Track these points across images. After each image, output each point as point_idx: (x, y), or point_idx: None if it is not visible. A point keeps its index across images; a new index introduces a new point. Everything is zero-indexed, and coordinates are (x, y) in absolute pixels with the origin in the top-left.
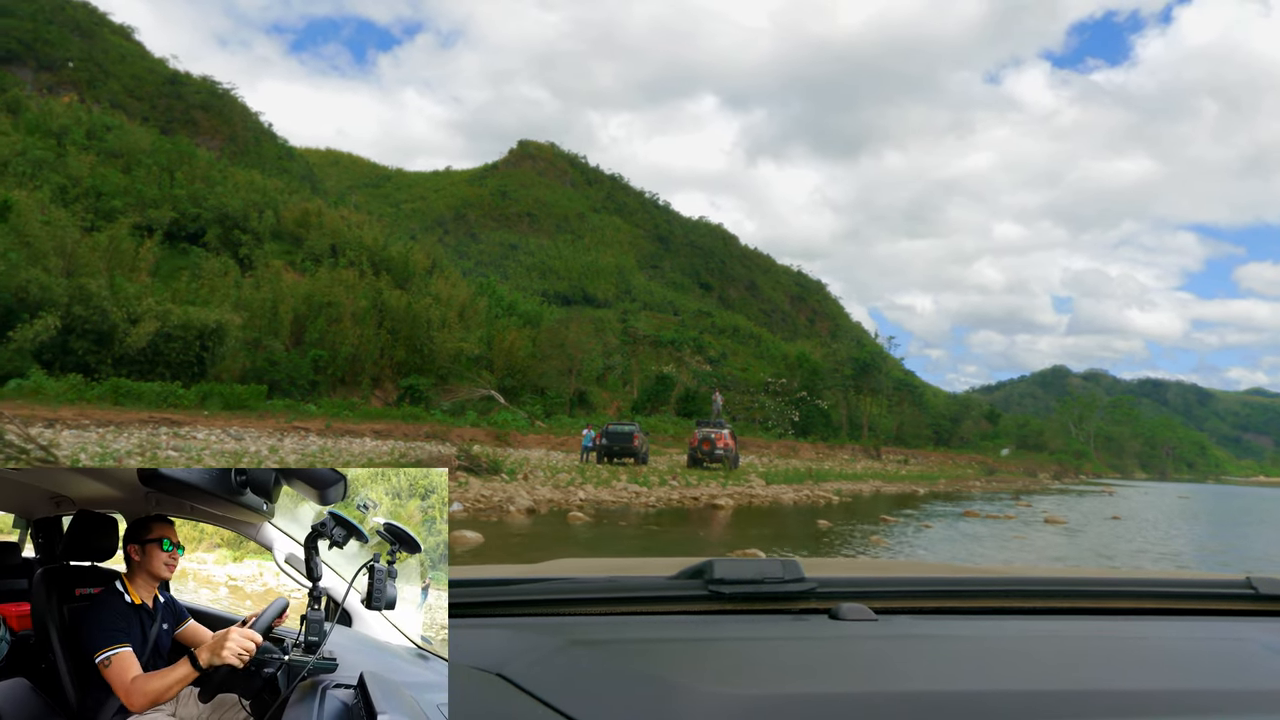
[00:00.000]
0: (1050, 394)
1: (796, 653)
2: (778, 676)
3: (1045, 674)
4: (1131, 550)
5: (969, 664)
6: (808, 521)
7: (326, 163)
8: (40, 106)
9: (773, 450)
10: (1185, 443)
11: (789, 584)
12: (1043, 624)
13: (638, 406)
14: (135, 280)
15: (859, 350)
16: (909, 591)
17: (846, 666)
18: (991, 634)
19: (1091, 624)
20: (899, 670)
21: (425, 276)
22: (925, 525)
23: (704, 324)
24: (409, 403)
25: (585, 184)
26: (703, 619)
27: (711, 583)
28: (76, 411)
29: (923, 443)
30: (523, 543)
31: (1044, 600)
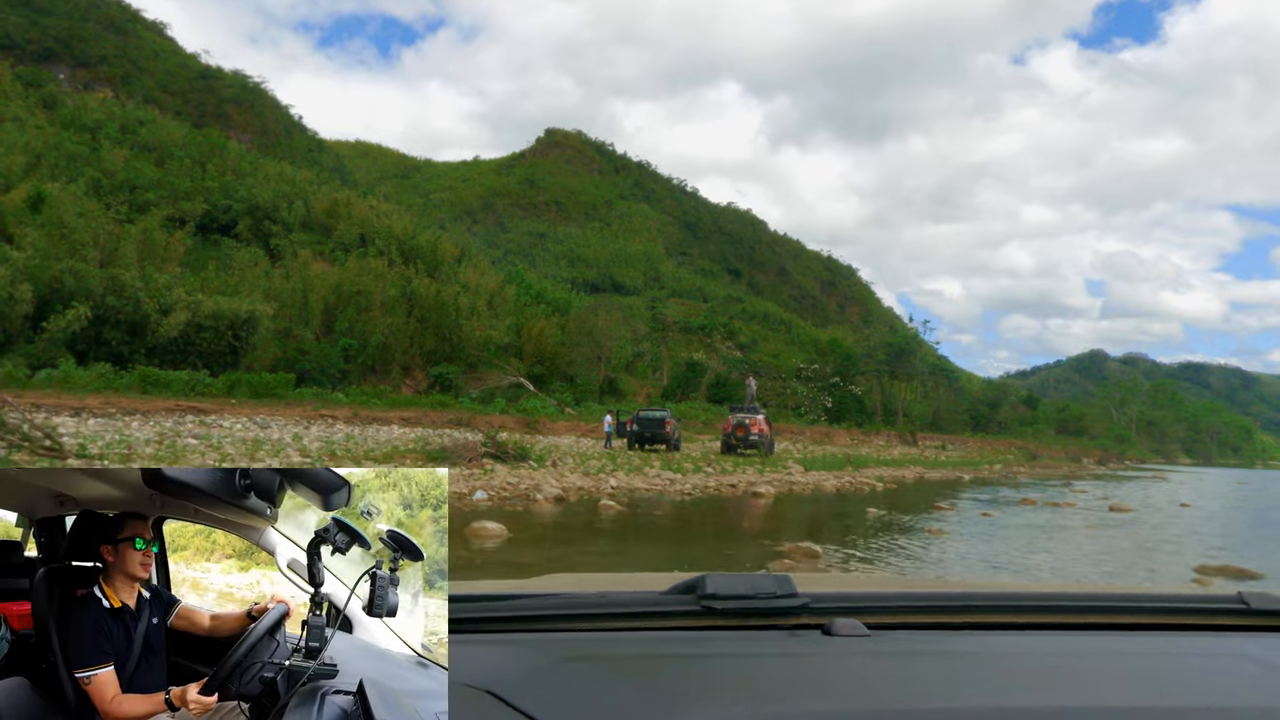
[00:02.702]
0: (1087, 379)
1: (789, 669)
2: (771, 693)
3: (1039, 690)
4: (1237, 543)
5: (963, 680)
6: (856, 510)
7: (356, 154)
8: (75, 102)
9: (806, 436)
10: (1230, 427)
11: (781, 599)
12: (1036, 640)
13: (668, 393)
14: (166, 270)
15: (893, 335)
16: (903, 607)
17: (840, 683)
18: (986, 650)
19: (1085, 639)
20: (893, 687)
21: (454, 265)
22: (985, 514)
23: (734, 310)
24: (439, 391)
25: (613, 171)
26: (695, 634)
27: (704, 598)
28: (103, 400)
29: (959, 428)
30: (549, 536)
31: (1037, 615)
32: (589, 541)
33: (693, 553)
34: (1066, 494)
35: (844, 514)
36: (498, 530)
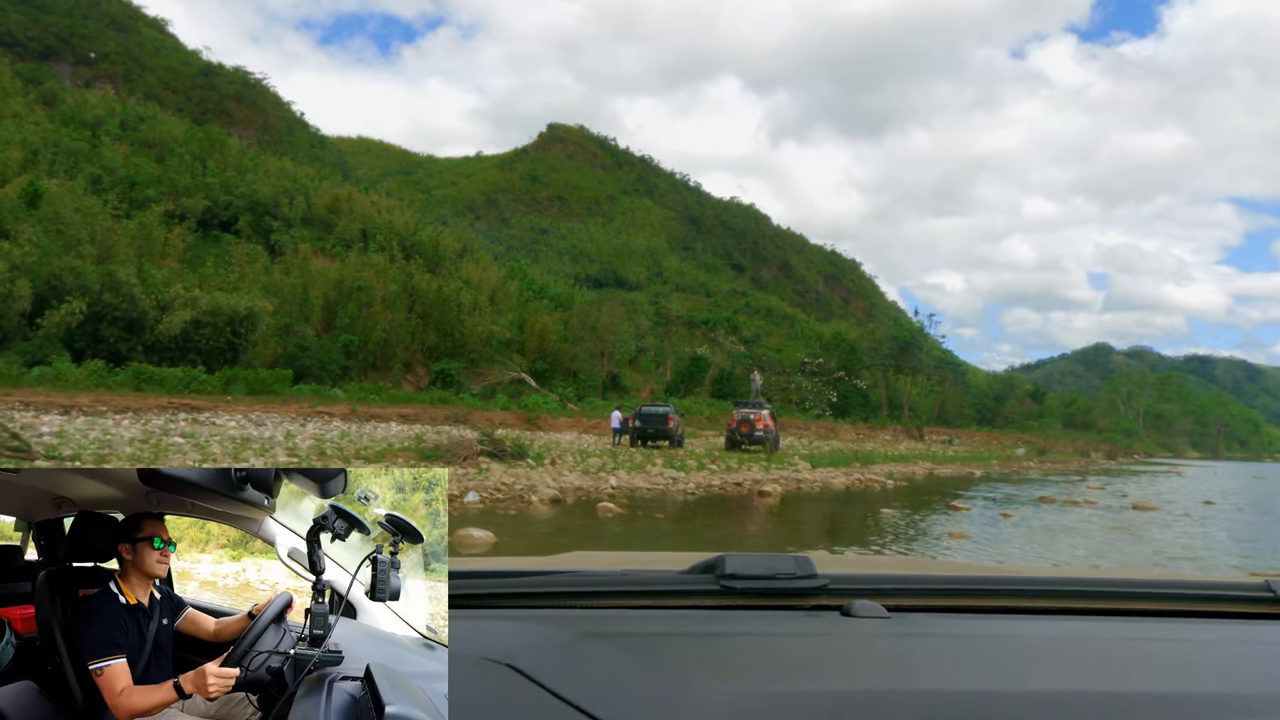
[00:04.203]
0: (1092, 372)
1: (808, 649)
2: (789, 673)
3: (1061, 675)
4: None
5: (983, 664)
6: (870, 511)
7: (359, 150)
8: (76, 99)
9: (811, 431)
10: (1238, 420)
11: (801, 580)
12: (1057, 625)
13: (671, 388)
14: (165, 267)
15: (898, 329)
16: (922, 589)
17: (859, 664)
18: (1006, 633)
19: (1107, 625)
20: (912, 669)
21: (456, 261)
22: (1005, 514)
23: (737, 305)
24: (440, 387)
25: (615, 166)
26: (714, 614)
27: (723, 578)
28: (94, 398)
29: (965, 422)
30: (541, 545)
31: (1059, 600)
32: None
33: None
34: (1083, 490)
35: (857, 515)
36: (484, 538)
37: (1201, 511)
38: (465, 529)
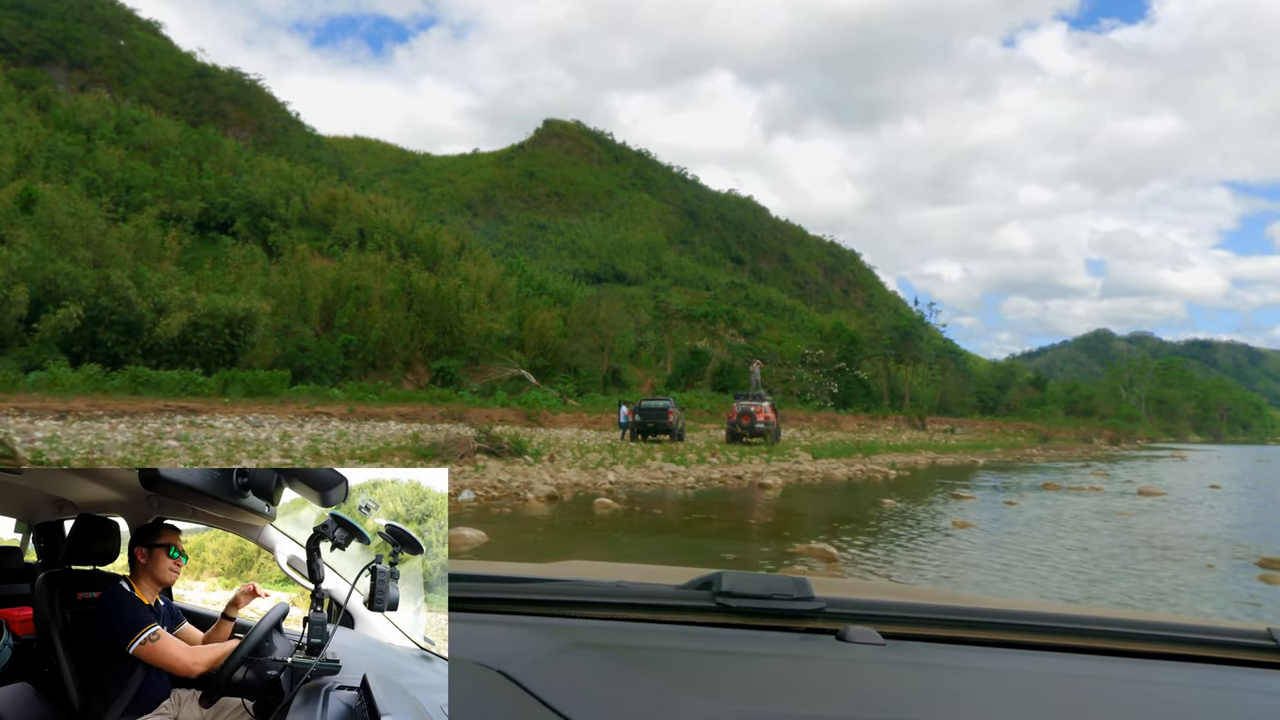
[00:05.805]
0: (1093, 358)
1: (801, 672)
2: (780, 695)
3: (1054, 713)
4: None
5: (978, 698)
6: (871, 502)
7: (355, 150)
8: (70, 103)
9: (813, 423)
10: (1240, 404)
11: (798, 602)
12: (1055, 661)
13: (672, 382)
14: (161, 269)
15: (898, 319)
16: (920, 619)
17: (851, 691)
18: (1003, 668)
19: (1104, 665)
20: (905, 699)
21: (454, 258)
22: (1010, 502)
23: (737, 297)
24: (440, 385)
25: (612, 161)
26: (708, 631)
27: (719, 595)
28: (90, 403)
29: (967, 411)
30: (534, 544)
31: (1057, 637)
32: (577, 550)
33: (695, 561)
34: (1088, 477)
35: (859, 506)
36: (476, 538)
37: (1206, 496)
38: (456, 529)
